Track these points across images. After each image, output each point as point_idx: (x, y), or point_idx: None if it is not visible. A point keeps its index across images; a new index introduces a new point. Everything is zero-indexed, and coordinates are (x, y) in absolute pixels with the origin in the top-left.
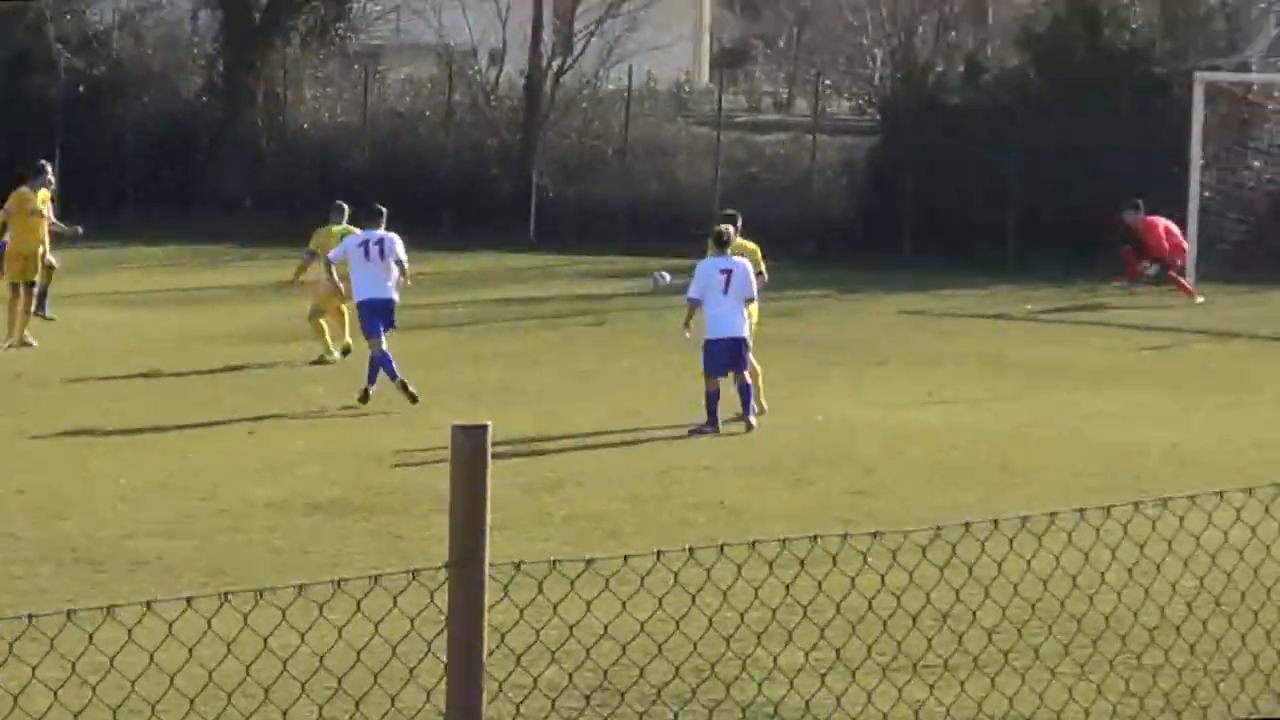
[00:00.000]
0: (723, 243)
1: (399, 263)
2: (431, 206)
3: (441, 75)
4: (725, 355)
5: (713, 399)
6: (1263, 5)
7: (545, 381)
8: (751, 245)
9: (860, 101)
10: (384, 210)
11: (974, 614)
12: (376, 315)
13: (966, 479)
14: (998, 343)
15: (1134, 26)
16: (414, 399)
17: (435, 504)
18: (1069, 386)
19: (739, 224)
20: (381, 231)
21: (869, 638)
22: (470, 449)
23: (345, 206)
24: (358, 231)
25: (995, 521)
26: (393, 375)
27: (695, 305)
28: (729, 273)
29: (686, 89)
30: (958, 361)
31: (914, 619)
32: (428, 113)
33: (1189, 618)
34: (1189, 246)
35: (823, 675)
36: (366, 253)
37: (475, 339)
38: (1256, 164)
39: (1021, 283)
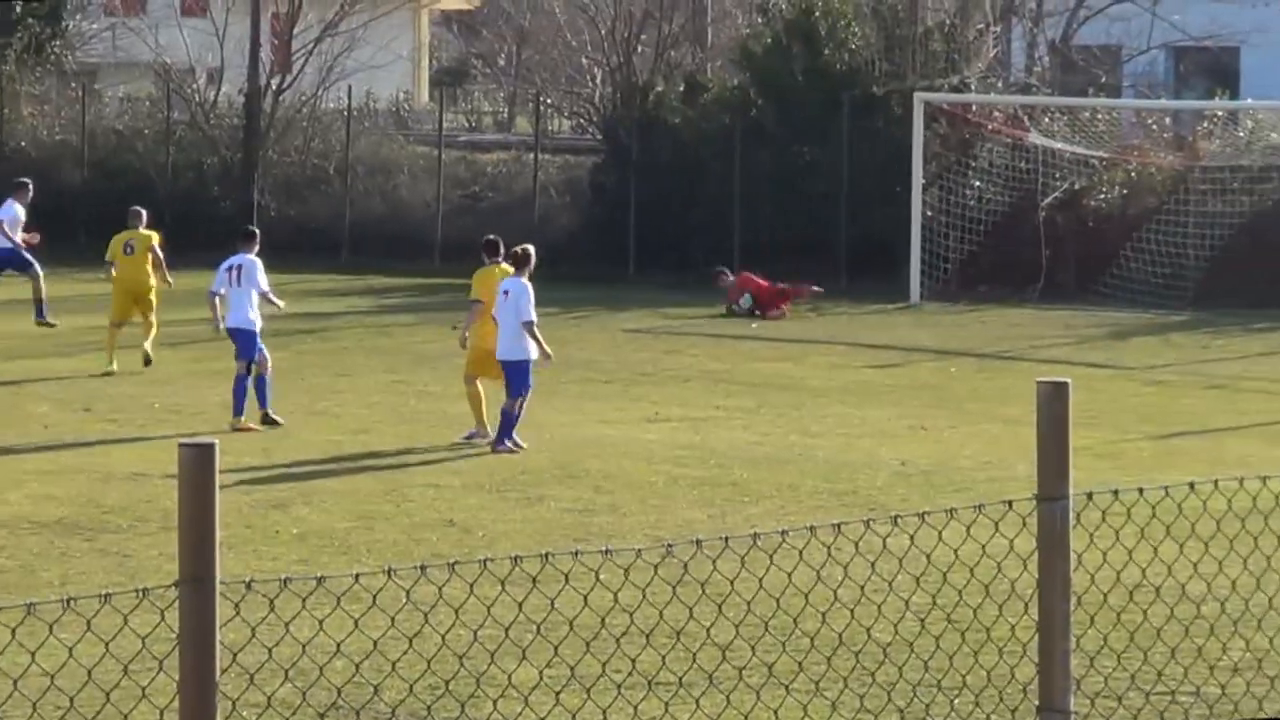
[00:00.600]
0: (516, 261)
1: (261, 291)
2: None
3: (160, 93)
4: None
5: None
6: (980, 26)
7: (273, 400)
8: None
9: (581, 120)
10: (255, 232)
11: (708, 631)
12: (236, 341)
13: (696, 496)
14: (724, 360)
15: (853, 46)
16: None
17: (164, 522)
18: (797, 404)
19: (501, 250)
20: (244, 255)
21: (603, 655)
22: (198, 467)
23: (142, 211)
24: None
25: (726, 539)
26: (237, 409)
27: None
28: (506, 293)
29: (407, 108)
30: (684, 379)
31: (648, 636)
32: (147, 131)
33: (922, 634)
34: (913, 265)
35: (558, 692)
36: (230, 278)
37: (201, 357)
38: (978, 183)
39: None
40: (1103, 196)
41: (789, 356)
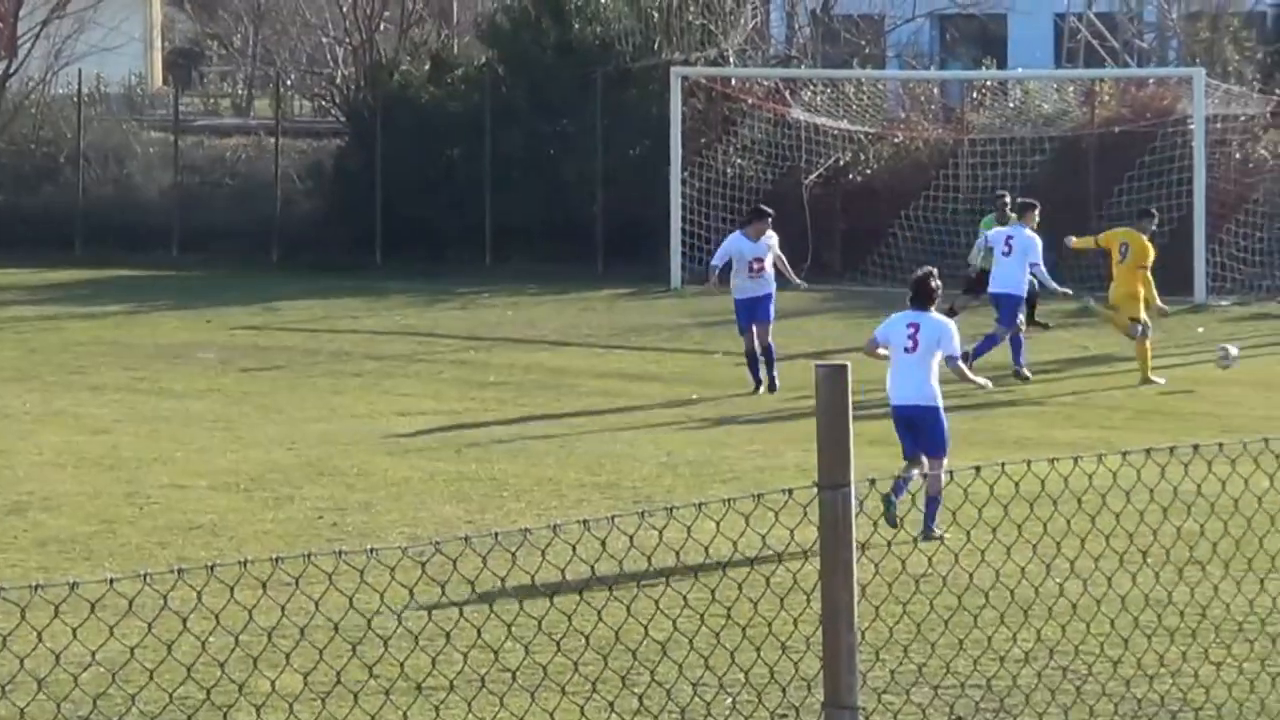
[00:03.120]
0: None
1: None
2: None
3: None
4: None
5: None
6: None
7: (5, 400)
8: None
9: (324, 102)
10: None
11: (479, 631)
12: None
13: (454, 492)
14: (480, 351)
15: (605, 20)
16: None
17: None
18: (553, 396)
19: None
20: None
21: (370, 659)
22: None
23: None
24: None
25: (496, 535)
26: None
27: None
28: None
29: (140, 92)
30: (438, 371)
31: (416, 638)
32: None
33: (701, 630)
34: (674, 248)
35: (324, 699)
36: None
37: None
38: (740, 161)
39: (496, 287)
40: (869, 172)
41: (547, 345)
